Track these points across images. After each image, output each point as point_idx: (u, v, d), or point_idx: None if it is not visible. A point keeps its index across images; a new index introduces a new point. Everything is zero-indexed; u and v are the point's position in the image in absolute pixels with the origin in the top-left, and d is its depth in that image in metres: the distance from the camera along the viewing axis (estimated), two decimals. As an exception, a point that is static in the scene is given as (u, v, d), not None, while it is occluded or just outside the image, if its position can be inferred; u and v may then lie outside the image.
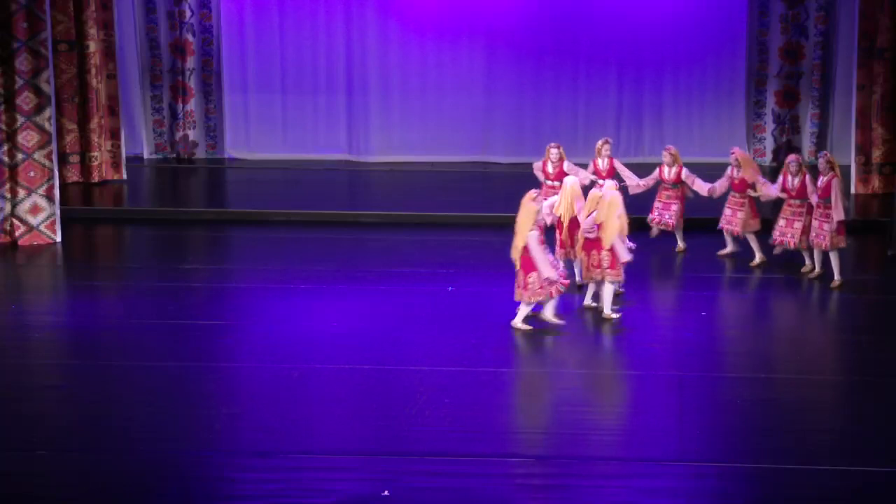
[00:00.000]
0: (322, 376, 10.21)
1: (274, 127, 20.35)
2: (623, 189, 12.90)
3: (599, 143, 14.45)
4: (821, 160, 13.21)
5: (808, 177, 13.19)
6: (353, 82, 20.10)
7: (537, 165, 14.37)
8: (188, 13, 19.87)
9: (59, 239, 14.95)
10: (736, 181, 14.05)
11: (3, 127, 14.71)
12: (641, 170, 19.30)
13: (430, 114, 19.62)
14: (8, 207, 14.81)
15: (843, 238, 12.93)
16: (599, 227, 11.73)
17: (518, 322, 11.46)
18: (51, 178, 14.94)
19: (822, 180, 12.99)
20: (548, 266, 11.23)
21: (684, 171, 14.42)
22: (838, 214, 12.82)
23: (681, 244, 14.31)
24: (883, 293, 13.04)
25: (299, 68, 20.15)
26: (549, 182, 14.00)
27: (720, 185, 14.27)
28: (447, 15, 19.83)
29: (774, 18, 19.30)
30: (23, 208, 14.86)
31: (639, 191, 14.49)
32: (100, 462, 8.50)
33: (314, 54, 20.11)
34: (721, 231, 14.12)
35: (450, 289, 12.99)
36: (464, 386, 10.07)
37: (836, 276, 12.92)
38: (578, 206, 12.06)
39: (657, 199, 14.47)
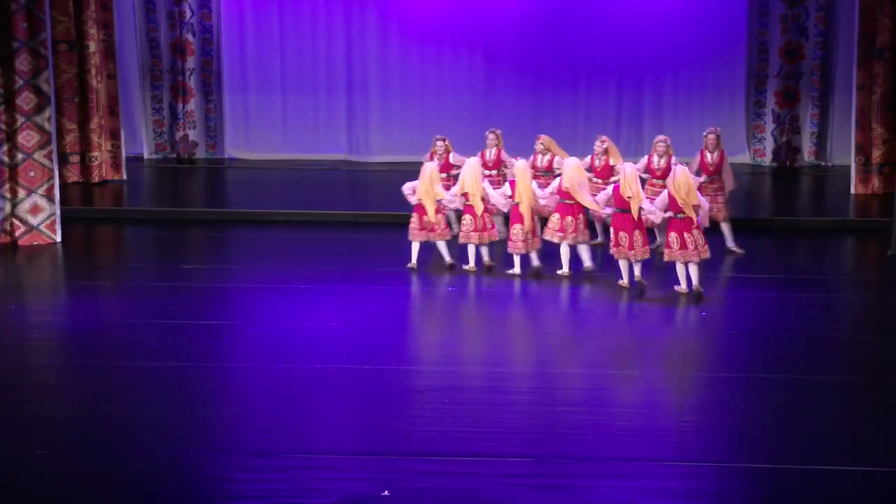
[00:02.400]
0: (322, 376, 10.21)
1: (274, 127, 20.36)
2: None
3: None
4: (711, 135, 13.89)
5: (673, 157, 13.69)
6: (353, 82, 20.11)
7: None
8: (188, 13, 19.88)
9: (59, 239, 14.95)
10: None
11: (3, 127, 14.71)
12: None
13: (430, 114, 19.62)
14: (8, 207, 14.81)
15: (731, 207, 14.16)
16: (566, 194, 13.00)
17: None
18: (51, 178, 14.94)
19: (713, 155, 13.86)
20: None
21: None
22: (730, 185, 14.09)
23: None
24: (883, 293, 13.05)
25: (299, 68, 20.15)
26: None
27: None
28: (447, 15, 19.83)
29: (774, 18, 19.30)
30: (23, 208, 14.86)
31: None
32: (100, 462, 8.50)
33: (314, 54, 20.11)
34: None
35: (450, 289, 12.99)
36: (464, 386, 10.07)
37: (734, 245, 14.05)
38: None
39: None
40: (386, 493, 7.97)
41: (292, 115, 20.26)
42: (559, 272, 13.16)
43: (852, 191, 17.38)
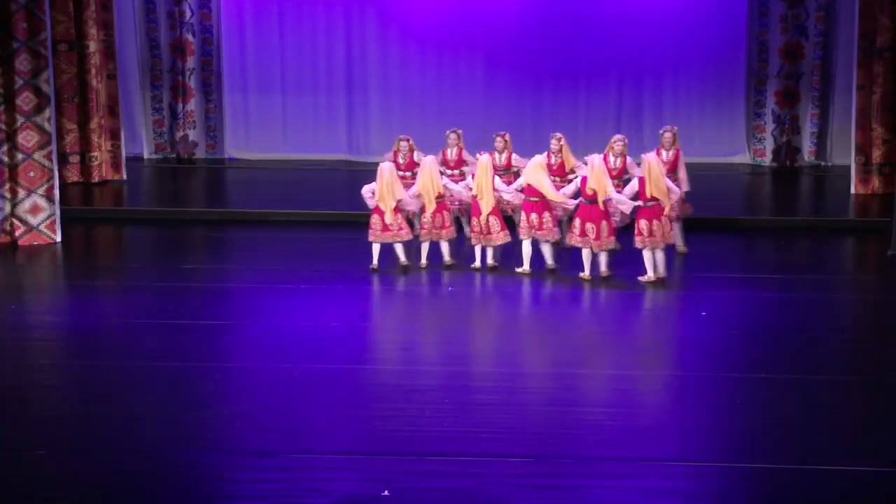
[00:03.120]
0: (322, 376, 10.20)
1: (274, 127, 20.36)
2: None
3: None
4: (667, 134, 13.98)
5: (629, 158, 13.82)
6: (353, 82, 20.11)
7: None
8: (188, 13, 19.88)
9: (59, 239, 14.95)
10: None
11: (3, 127, 14.71)
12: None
13: (431, 113, 19.61)
14: (8, 207, 14.81)
15: (689, 206, 14.09)
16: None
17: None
18: (51, 178, 14.94)
19: (669, 154, 13.84)
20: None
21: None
22: (685, 185, 13.92)
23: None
24: (883, 293, 13.05)
25: (299, 68, 20.15)
26: (400, 173, 14.06)
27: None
28: (447, 15, 19.84)
29: (774, 18, 19.30)
30: (23, 208, 14.86)
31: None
32: (100, 462, 8.50)
33: (314, 54, 20.12)
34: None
35: (450, 288, 12.99)
36: (464, 386, 10.07)
37: (682, 245, 14.00)
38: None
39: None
40: (386, 493, 7.97)
41: (292, 115, 20.26)
42: (518, 270, 13.28)
43: (852, 191, 17.38)
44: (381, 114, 20.01)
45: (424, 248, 13.57)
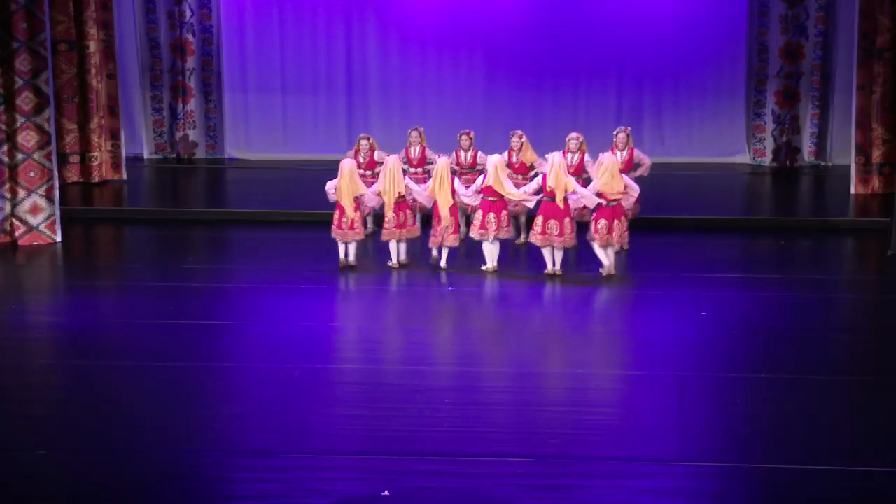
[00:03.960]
0: (322, 376, 10.20)
1: (274, 127, 20.37)
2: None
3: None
4: (621, 134, 14.18)
5: (586, 156, 14.02)
6: (353, 82, 20.12)
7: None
8: (188, 13, 19.89)
9: (59, 239, 14.95)
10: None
11: (3, 127, 14.71)
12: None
13: (431, 114, 19.62)
14: (8, 207, 14.81)
15: (638, 206, 14.05)
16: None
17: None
18: (51, 178, 14.94)
19: (623, 154, 14.02)
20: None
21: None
22: (643, 172, 14.22)
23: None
24: (883, 293, 13.05)
25: (299, 68, 20.17)
26: (361, 171, 14.21)
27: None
28: (447, 15, 19.85)
29: (774, 18, 19.31)
30: (23, 208, 14.86)
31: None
32: (100, 462, 8.50)
33: (314, 54, 20.13)
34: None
35: (450, 288, 13.00)
36: (464, 386, 10.07)
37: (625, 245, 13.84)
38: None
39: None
40: (386, 493, 7.97)
41: (292, 115, 20.27)
42: (483, 268, 13.36)
43: (852, 191, 17.38)
44: (381, 114, 20.01)
45: (392, 246, 13.60)
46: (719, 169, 19.37)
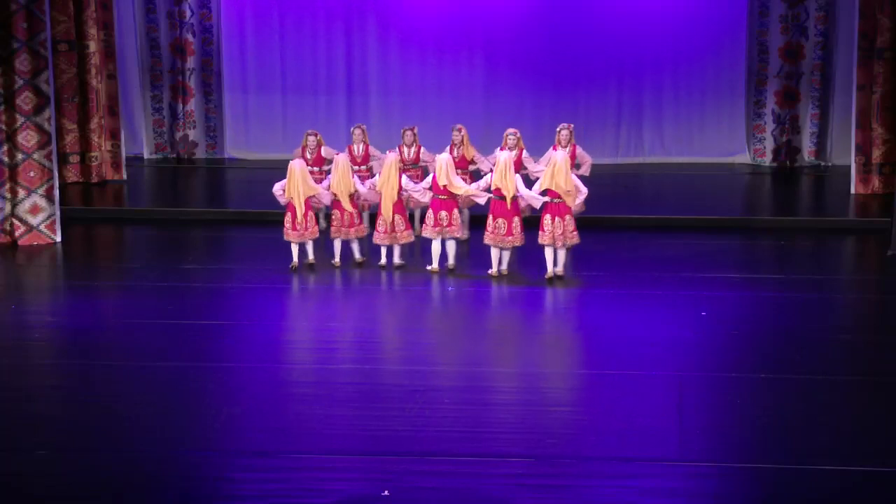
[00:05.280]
0: (322, 376, 10.20)
1: (274, 127, 20.36)
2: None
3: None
4: (564, 131, 14.12)
5: (525, 152, 14.04)
6: (353, 83, 20.11)
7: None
8: (188, 13, 19.88)
9: (59, 239, 14.95)
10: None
11: (3, 127, 14.71)
12: (642, 169, 19.42)
13: (431, 114, 19.61)
14: (8, 207, 14.81)
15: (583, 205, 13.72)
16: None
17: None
18: (51, 178, 14.94)
19: (566, 150, 13.81)
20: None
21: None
22: (585, 171, 14.10)
23: None
24: (883, 293, 13.05)
25: (299, 68, 20.15)
26: (308, 168, 14.28)
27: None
28: (447, 15, 19.84)
29: (774, 18, 19.30)
30: (23, 208, 14.86)
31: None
32: (100, 462, 8.50)
33: (314, 55, 20.11)
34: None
35: (450, 288, 13.00)
36: (464, 386, 10.07)
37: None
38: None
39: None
40: (386, 493, 7.97)
41: (292, 115, 20.25)
42: (428, 268, 13.41)
43: (852, 191, 17.38)
44: (381, 114, 20.00)
45: (336, 245, 13.67)
46: (719, 169, 19.37)
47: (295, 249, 13.59)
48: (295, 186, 13.54)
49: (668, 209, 16.39)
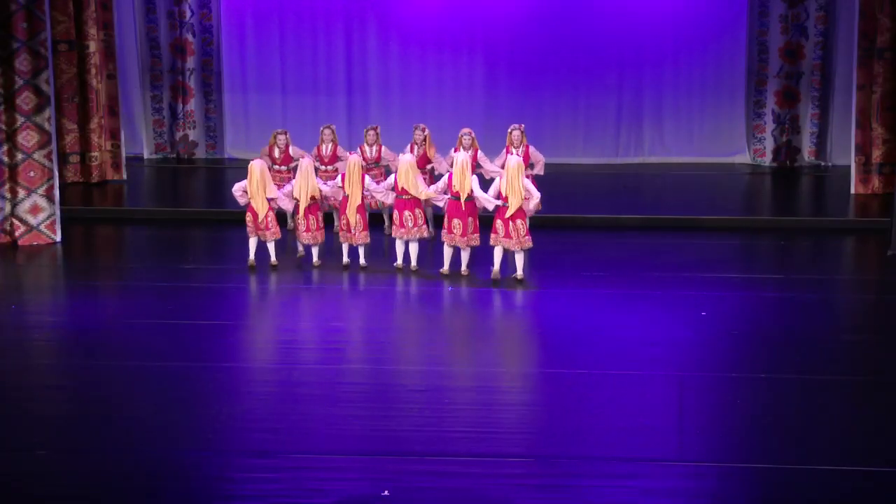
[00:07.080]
0: (322, 376, 10.21)
1: (274, 127, 20.23)
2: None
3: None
4: (515, 132, 14.14)
5: (480, 152, 14.07)
6: (353, 83, 20.10)
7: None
8: (188, 13, 19.88)
9: (59, 239, 14.95)
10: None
11: (3, 127, 14.71)
12: (642, 169, 19.42)
13: (431, 114, 19.60)
14: (8, 207, 14.81)
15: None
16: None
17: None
18: (51, 178, 14.94)
19: (519, 151, 13.98)
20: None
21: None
22: (539, 170, 14.26)
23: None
24: (883, 293, 13.05)
25: (299, 68, 20.15)
26: (276, 167, 14.73)
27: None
28: (447, 15, 19.83)
29: (774, 18, 19.29)
30: (23, 208, 14.86)
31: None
32: (100, 462, 8.50)
33: (314, 54, 20.11)
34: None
35: (449, 289, 13.00)
36: (464, 386, 10.07)
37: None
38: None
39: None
40: (386, 493, 7.97)
41: (292, 115, 20.24)
42: (395, 264, 13.46)
43: (852, 191, 17.38)
44: (381, 114, 19.99)
45: (299, 247, 13.76)
46: (719, 169, 19.37)
47: (252, 246, 13.60)
48: (255, 187, 13.50)
49: (668, 209, 16.39)
